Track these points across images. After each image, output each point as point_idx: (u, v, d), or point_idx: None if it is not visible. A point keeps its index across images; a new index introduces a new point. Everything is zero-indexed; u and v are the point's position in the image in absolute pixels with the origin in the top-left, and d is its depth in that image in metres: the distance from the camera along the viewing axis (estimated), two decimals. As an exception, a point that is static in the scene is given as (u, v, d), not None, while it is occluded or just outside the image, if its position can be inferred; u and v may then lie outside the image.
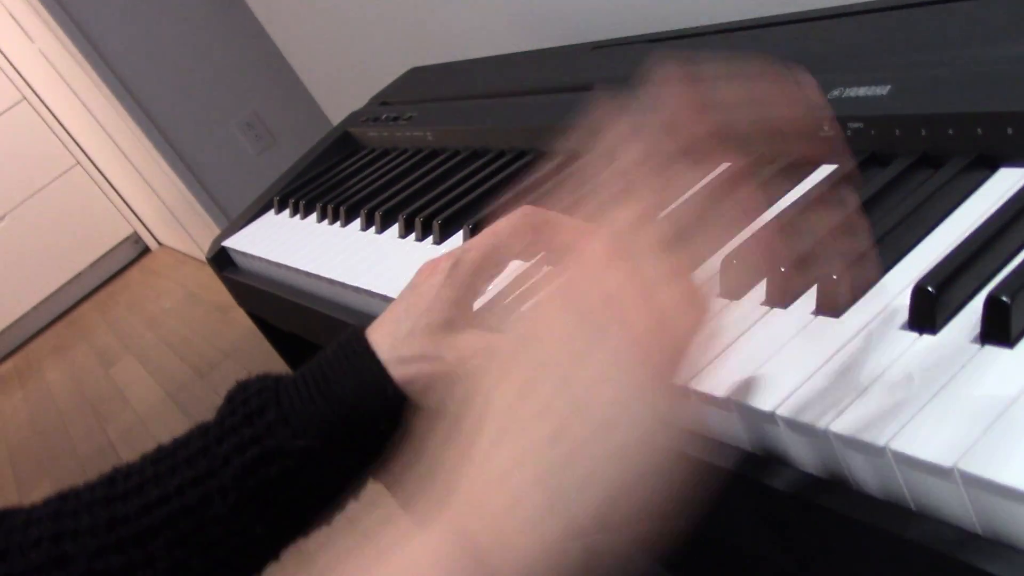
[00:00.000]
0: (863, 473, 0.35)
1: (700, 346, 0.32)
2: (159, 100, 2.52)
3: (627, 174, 0.36)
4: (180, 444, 0.54)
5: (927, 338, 0.38)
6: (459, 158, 0.89)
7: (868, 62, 0.59)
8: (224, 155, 2.65)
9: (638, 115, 0.37)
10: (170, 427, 2.55)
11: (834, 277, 0.43)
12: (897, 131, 0.51)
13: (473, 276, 0.50)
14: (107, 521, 0.52)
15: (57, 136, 4.02)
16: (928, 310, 0.38)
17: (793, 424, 0.37)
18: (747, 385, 0.40)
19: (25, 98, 3.91)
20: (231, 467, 0.51)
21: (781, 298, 0.46)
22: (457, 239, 0.74)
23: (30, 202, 4.01)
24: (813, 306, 0.43)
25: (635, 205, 0.35)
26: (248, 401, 0.52)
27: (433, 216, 0.77)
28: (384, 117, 1.08)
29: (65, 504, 0.54)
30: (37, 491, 2.65)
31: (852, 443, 0.35)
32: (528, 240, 0.51)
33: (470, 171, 0.84)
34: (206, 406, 2.56)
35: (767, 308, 0.45)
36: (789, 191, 0.55)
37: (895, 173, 0.50)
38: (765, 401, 0.38)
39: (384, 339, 0.50)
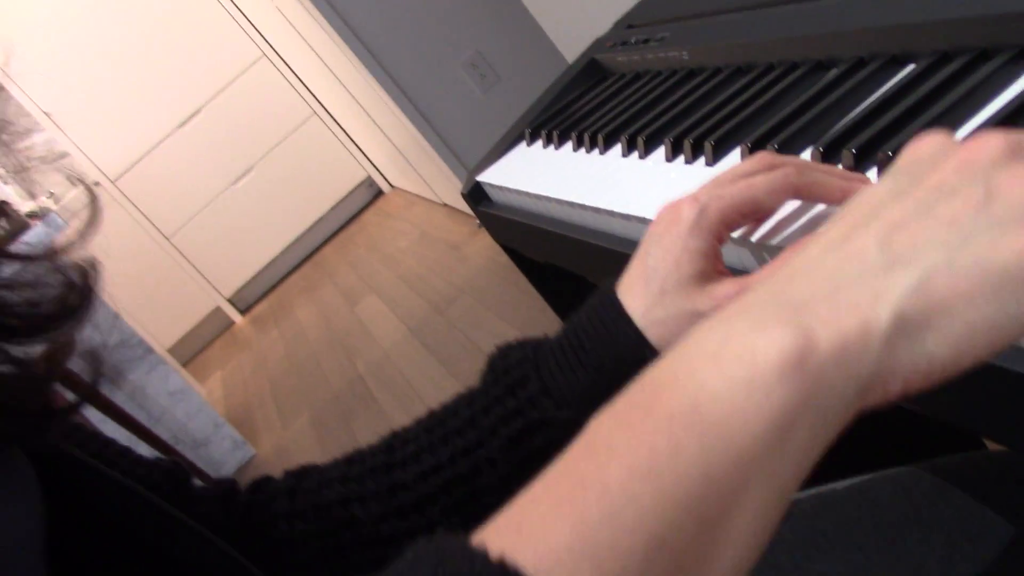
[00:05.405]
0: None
1: None
2: (387, 47, 2.60)
3: None
4: (450, 412, 0.56)
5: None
6: (722, 76, 0.85)
7: None
8: (450, 96, 2.71)
9: None
10: (414, 361, 2.67)
11: None
12: None
13: (721, 225, 0.48)
14: (389, 487, 0.56)
15: (295, 89, 4.25)
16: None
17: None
18: None
19: (264, 55, 4.15)
20: (497, 438, 0.52)
21: None
22: (733, 158, 0.70)
23: (273, 153, 4.29)
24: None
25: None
26: (509, 371, 0.53)
27: (704, 136, 0.74)
28: (633, 40, 1.04)
29: (351, 468, 0.58)
30: (297, 421, 2.87)
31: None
32: (785, 201, 0.49)
33: (738, 88, 0.79)
34: (446, 340, 2.66)
35: None
36: None
37: None
38: None
39: (636, 301, 0.49)
